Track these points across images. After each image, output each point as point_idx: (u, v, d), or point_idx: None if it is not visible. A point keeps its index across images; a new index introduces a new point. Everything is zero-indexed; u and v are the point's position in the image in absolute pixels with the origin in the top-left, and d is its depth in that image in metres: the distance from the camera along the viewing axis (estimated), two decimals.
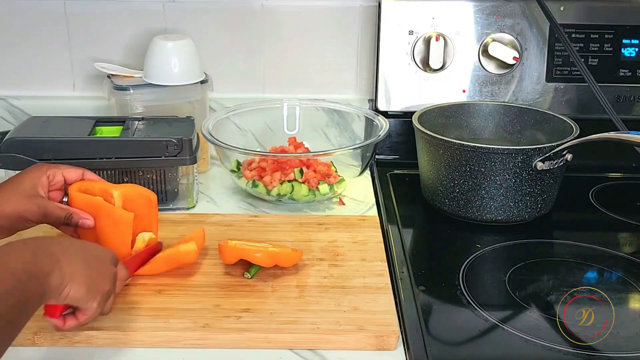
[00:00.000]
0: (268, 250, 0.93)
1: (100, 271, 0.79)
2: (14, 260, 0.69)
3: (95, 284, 0.77)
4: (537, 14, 1.27)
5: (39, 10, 1.33)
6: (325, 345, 0.82)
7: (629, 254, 1.05)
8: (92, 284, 0.76)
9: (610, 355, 0.81)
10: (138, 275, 0.92)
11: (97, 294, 0.77)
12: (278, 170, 1.15)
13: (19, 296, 0.66)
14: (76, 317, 0.79)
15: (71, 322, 0.79)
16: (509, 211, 1.09)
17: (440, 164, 1.11)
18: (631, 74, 1.30)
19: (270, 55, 1.38)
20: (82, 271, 0.75)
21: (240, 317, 0.85)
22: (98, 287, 0.78)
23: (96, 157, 1.08)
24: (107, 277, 0.80)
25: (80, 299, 0.76)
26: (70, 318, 0.79)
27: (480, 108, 1.26)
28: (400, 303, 0.90)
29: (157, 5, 1.34)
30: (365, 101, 1.40)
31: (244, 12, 1.35)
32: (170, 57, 1.23)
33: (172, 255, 0.93)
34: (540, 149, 1.05)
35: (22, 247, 0.72)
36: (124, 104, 1.23)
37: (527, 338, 0.83)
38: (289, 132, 1.34)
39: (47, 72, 1.37)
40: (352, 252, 1.00)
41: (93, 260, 0.78)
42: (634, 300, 0.94)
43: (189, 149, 1.10)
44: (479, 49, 1.29)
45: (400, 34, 1.28)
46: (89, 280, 0.76)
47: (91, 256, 0.79)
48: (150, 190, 0.98)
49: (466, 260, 1.00)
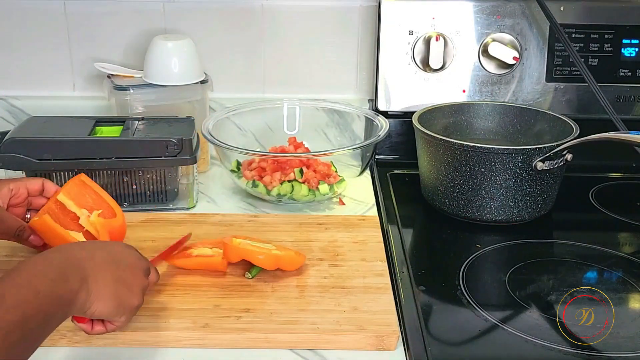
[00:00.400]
0: (271, 254, 0.93)
1: (130, 286, 0.77)
2: (40, 280, 0.65)
3: (124, 301, 0.76)
4: (537, 14, 1.27)
5: (39, 10, 1.33)
6: (325, 345, 0.82)
7: (629, 254, 1.05)
8: (121, 301, 0.76)
9: (610, 355, 0.81)
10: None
11: (125, 310, 0.77)
12: (278, 170, 1.15)
13: (42, 318, 0.64)
14: (104, 325, 0.78)
15: (99, 328, 0.78)
16: (509, 211, 1.09)
17: (440, 164, 1.11)
18: (631, 74, 1.30)
19: (270, 55, 1.38)
20: (111, 288, 0.74)
21: (240, 317, 0.85)
22: (127, 303, 0.77)
23: (96, 157, 1.08)
24: (137, 292, 0.79)
25: (108, 315, 0.75)
26: (98, 324, 0.78)
27: (480, 108, 1.26)
28: (400, 303, 0.90)
29: (157, 5, 1.34)
30: (365, 101, 1.40)
31: (244, 12, 1.35)
32: (170, 57, 1.23)
33: (207, 262, 0.94)
34: (540, 149, 1.05)
35: (49, 264, 0.69)
36: (124, 104, 1.23)
37: (527, 338, 0.83)
38: (289, 132, 1.34)
39: (47, 72, 1.37)
40: (352, 252, 1.00)
41: (124, 272, 0.77)
42: (634, 300, 0.94)
43: (189, 149, 1.10)
44: (479, 49, 1.29)
45: (400, 34, 1.28)
46: (117, 298, 0.75)
47: (123, 269, 0.77)
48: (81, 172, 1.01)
49: (466, 260, 1.00)
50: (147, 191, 1.13)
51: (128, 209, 1.11)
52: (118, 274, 0.76)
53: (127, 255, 0.80)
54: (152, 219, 1.08)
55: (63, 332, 0.81)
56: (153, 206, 1.13)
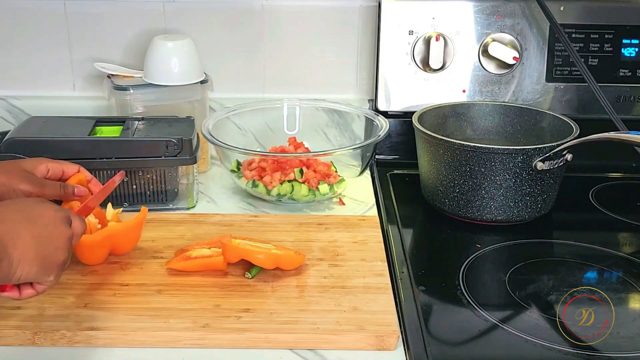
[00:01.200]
0: (270, 253, 0.93)
1: (53, 242, 0.74)
2: None
3: (48, 258, 0.73)
4: (537, 14, 1.27)
5: (39, 10, 1.33)
6: (325, 345, 0.82)
7: (629, 254, 1.05)
8: (45, 260, 0.73)
9: (610, 355, 0.81)
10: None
11: (52, 268, 0.74)
12: (278, 170, 1.15)
13: None
14: (33, 287, 0.75)
15: (28, 291, 0.75)
16: (509, 211, 1.09)
17: (440, 164, 1.11)
18: (631, 74, 1.30)
19: (270, 56, 1.38)
20: (32, 248, 0.71)
21: (240, 317, 0.85)
22: (52, 260, 0.74)
23: (96, 157, 1.08)
24: (61, 246, 0.75)
25: (35, 277, 0.73)
26: (27, 288, 0.75)
27: (480, 108, 1.26)
28: (400, 303, 0.90)
29: (157, 5, 1.34)
30: (365, 101, 1.40)
31: (244, 12, 1.35)
32: (170, 57, 1.23)
33: (208, 262, 0.94)
34: (540, 149, 1.05)
35: None
36: (124, 104, 1.23)
37: (527, 338, 0.83)
38: (289, 132, 1.34)
39: (47, 72, 1.37)
40: (352, 252, 1.00)
41: (44, 228, 0.73)
42: (634, 300, 0.94)
43: (189, 149, 1.10)
44: (479, 49, 1.29)
45: (400, 34, 1.28)
46: (42, 258, 0.72)
47: (41, 225, 0.73)
48: None
49: (466, 260, 1.00)
50: (147, 191, 1.13)
51: (128, 209, 1.11)
52: (37, 231, 0.72)
53: (43, 209, 0.76)
54: (152, 219, 1.08)
55: (63, 332, 0.81)
56: (153, 206, 1.13)
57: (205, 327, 0.83)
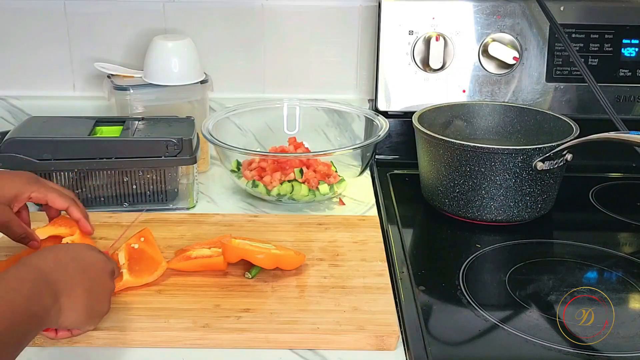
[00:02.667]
0: (270, 253, 0.93)
1: (100, 295, 0.78)
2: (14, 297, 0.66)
3: (94, 310, 0.77)
4: (537, 14, 1.27)
5: (39, 10, 1.33)
6: (325, 345, 0.82)
7: (629, 254, 1.05)
8: (92, 311, 0.77)
9: (610, 355, 0.81)
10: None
11: (94, 319, 0.78)
12: (278, 170, 1.15)
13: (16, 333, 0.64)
14: (70, 330, 0.79)
15: (64, 333, 0.79)
16: (509, 211, 1.09)
17: (440, 164, 1.11)
18: (631, 74, 1.30)
19: (270, 55, 1.38)
20: (83, 299, 0.75)
21: (240, 317, 0.85)
22: (97, 312, 0.78)
23: (96, 157, 1.08)
24: (106, 298, 0.80)
25: (78, 326, 0.77)
26: (63, 331, 0.79)
27: (480, 108, 1.26)
28: (400, 303, 0.90)
29: (157, 5, 1.34)
30: (365, 101, 1.40)
31: (244, 11, 1.35)
32: (170, 57, 1.23)
33: (208, 262, 0.94)
34: (540, 149, 1.05)
35: (21, 279, 0.68)
36: (124, 104, 1.23)
37: (527, 338, 0.83)
38: (289, 132, 1.33)
39: (47, 72, 1.37)
40: (352, 252, 1.00)
41: (94, 281, 0.77)
42: (634, 300, 0.94)
43: (189, 149, 1.10)
44: (479, 49, 1.29)
45: (400, 34, 1.28)
46: (89, 309, 0.76)
47: (93, 277, 0.77)
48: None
49: (466, 260, 1.00)
50: (147, 191, 1.13)
51: (128, 208, 1.12)
52: (89, 284, 0.76)
53: (95, 260, 0.80)
54: (152, 219, 1.08)
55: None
56: (153, 206, 1.13)
57: (205, 327, 0.83)
